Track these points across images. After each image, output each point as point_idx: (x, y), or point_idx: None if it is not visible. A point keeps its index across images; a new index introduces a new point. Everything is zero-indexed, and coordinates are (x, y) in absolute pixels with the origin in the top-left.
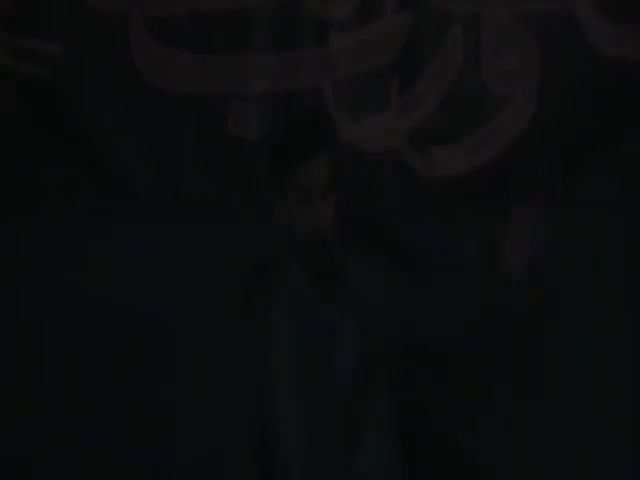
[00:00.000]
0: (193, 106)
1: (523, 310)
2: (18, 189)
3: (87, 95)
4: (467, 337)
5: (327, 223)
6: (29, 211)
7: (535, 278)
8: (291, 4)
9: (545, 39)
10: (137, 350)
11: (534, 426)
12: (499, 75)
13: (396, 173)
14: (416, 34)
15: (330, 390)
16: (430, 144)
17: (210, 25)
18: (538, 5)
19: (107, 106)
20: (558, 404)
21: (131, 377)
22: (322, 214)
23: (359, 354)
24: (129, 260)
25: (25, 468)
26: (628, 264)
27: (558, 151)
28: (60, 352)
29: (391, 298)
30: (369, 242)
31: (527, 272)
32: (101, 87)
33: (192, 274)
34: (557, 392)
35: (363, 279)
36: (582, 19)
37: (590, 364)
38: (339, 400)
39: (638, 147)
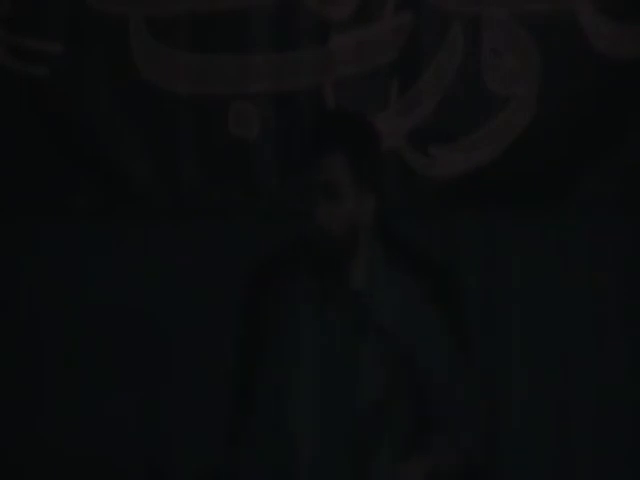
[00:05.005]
0: (193, 106)
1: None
2: (18, 189)
3: (87, 95)
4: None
5: (331, 223)
6: (29, 211)
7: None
8: (291, 4)
9: (545, 39)
10: (137, 350)
11: (533, 426)
12: (499, 75)
13: (396, 173)
14: (416, 34)
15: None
16: (430, 144)
17: (210, 25)
18: (538, 5)
19: (107, 106)
20: (558, 404)
21: (131, 377)
22: (325, 214)
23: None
24: (129, 260)
25: (25, 468)
26: (628, 264)
27: (558, 151)
28: (60, 352)
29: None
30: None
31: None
32: (101, 87)
33: (192, 274)
34: (557, 392)
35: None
36: (582, 19)
37: (590, 364)
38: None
39: (638, 147)
